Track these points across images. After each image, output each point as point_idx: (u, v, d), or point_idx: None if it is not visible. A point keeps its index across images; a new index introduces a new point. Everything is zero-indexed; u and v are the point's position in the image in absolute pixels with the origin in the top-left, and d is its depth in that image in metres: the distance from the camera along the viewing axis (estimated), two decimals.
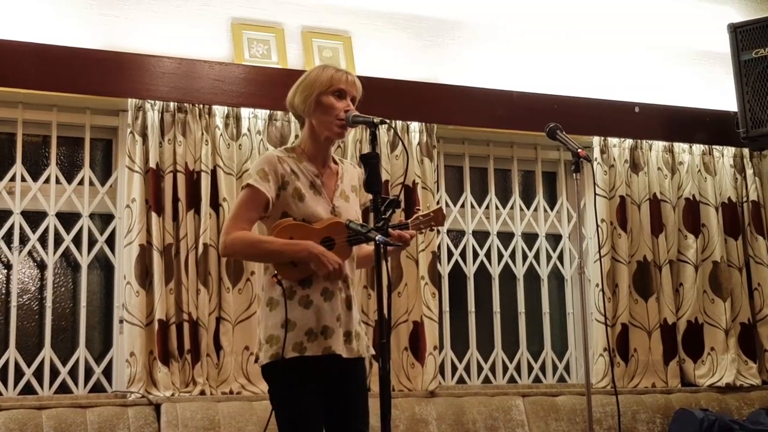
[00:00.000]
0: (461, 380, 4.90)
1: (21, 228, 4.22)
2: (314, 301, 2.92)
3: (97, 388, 4.27)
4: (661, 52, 5.48)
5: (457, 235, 5.03)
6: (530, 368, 5.05)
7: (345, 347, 2.95)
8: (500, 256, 5.06)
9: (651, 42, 5.46)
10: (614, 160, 5.12)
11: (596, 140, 5.11)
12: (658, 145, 5.26)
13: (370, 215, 2.88)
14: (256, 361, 3.01)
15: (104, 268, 4.42)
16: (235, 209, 3.00)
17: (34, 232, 4.25)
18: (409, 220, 3.05)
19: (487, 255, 5.03)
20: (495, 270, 5.04)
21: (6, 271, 4.27)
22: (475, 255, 5.00)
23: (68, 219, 4.33)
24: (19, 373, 4.13)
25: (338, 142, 3.19)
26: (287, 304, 2.90)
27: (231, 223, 2.96)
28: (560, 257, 5.19)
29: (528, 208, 5.17)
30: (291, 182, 2.98)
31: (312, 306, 2.92)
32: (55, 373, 4.19)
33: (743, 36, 5.05)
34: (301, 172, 3.01)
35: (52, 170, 4.30)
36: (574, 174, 3.83)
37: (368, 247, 3.08)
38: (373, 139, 2.86)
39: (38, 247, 4.26)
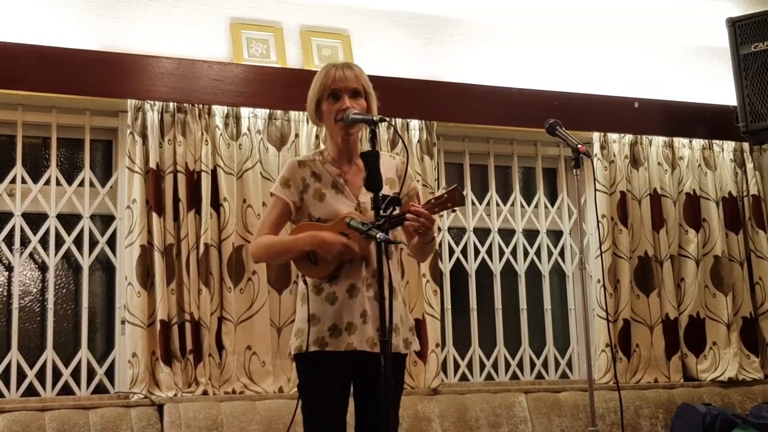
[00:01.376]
0: (464, 377, 4.90)
1: (22, 230, 4.22)
2: (339, 297, 2.96)
3: (100, 389, 4.27)
4: (660, 47, 5.47)
5: (458, 233, 5.04)
6: (532, 365, 5.05)
7: (374, 343, 2.93)
8: (501, 252, 5.06)
9: (650, 37, 5.46)
10: (614, 155, 5.12)
11: (596, 136, 5.11)
12: (658, 140, 5.26)
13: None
14: (290, 353, 3.12)
15: (105, 269, 4.43)
16: (262, 218, 3.19)
17: (35, 234, 4.25)
18: (419, 206, 2.96)
19: (488, 252, 5.03)
20: (496, 267, 5.04)
21: (7, 273, 4.27)
22: (476, 252, 5.00)
23: (69, 220, 4.33)
24: (21, 375, 4.14)
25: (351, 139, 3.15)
26: (314, 299, 2.98)
27: (257, 231, 3.13)
28: (561, 253, 5.19)
29: (528, 205, 5.17)
30: (311, 184, 3.06)
31: (337, 302, 2.96)
32: (57, 374, 4.20)
33: (742, 30, 5.04)
34: (323, 173, 3.08)
35: (53, 172, 4.30)
36: (575, 170, 3.82)
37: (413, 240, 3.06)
38: (373, 137, 2.87)
39: (39, 248, 4.26)
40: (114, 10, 4.44)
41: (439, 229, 4.83)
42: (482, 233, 5.04)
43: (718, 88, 5.41)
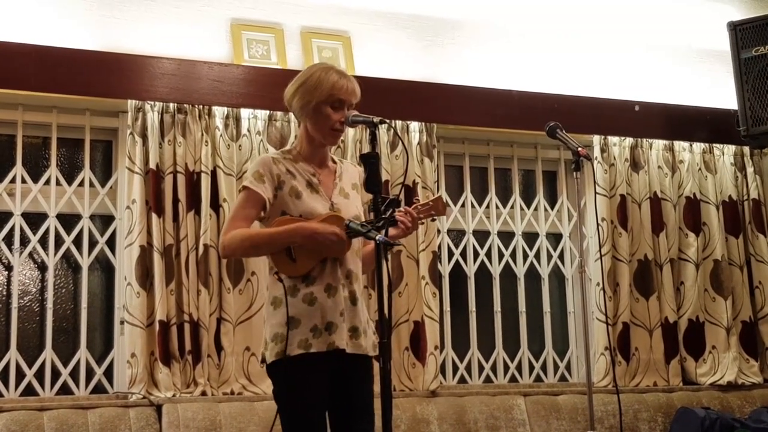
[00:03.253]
0: (462, 380, 4.89)
1: (21, 229, 4.22)
2: (318, 298, 2.93)
3: (99, 389, 4.27)
4: (661, 50, 5.48)
5: (457, 235, 5.03)
6: (531, 367, 5.04)
7: (350, 342, 2.95)
8: (501, 255, 5.05)
9: (651, 40, 5.46)
10: (614, 158, 5.12)
11: (596, 139, 5.11)
12: (659, 143, 5.26)
13: (370, 214, 2.89)
14: (262, 361, 3.01)
15: (105, 269, 4.42)
16: (232, 211, 3.05)
17: (34, 234, 4.25)
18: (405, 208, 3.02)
19: (488, 254, 5.03)
20: (496, 269, 5.03)
21: (7, 272, 4.27)
22: (476, 254, 5.00)
23: (69, 220, 4.33)
24: (20, 375, 4.13)
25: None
26: (291, 301, 2.91)
27: (228, 224, 3.00)
28: (561, 256, 5.19)
29: (528, 208, 5.17)
30: (287, 182, 3.00)
31: (316, 303, 2.93)
32: (56, 374, 4.19)
33: (743, 34, 5.05)
34: (297, 171, 3.03)
35: (53, 172, 4.30)
36: (575, 173, 3.83)
37: (369, 248, 3.08)
38: (373, 139, 2.87)
39: (39, 248, 4.26)
40: (114, 10, 4.44)
41: (438, 232, 4.83)
42: (482, 235, 5.04)
43: (719, 91, 5.41)
